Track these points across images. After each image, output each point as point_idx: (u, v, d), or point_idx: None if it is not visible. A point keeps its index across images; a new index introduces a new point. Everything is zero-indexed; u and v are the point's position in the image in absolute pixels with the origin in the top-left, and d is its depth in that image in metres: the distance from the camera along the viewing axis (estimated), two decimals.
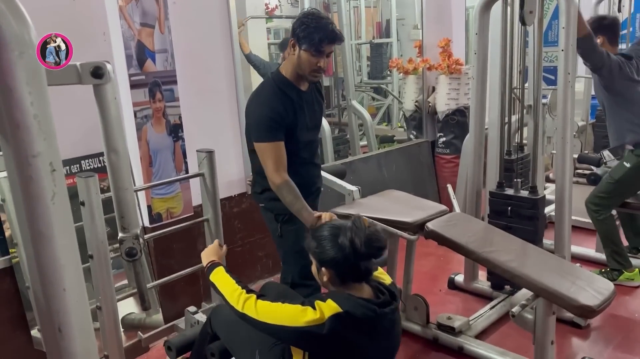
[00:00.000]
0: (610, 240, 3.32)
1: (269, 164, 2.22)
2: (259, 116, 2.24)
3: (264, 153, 2.24)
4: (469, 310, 3.03)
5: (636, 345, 2.71)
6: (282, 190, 2.22)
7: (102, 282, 2.13)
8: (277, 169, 2.22)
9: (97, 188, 2.05)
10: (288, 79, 2.29)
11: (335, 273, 1.69)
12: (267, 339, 1.95)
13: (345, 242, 1.64)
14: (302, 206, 2.21)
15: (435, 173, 4.82)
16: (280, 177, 2.21)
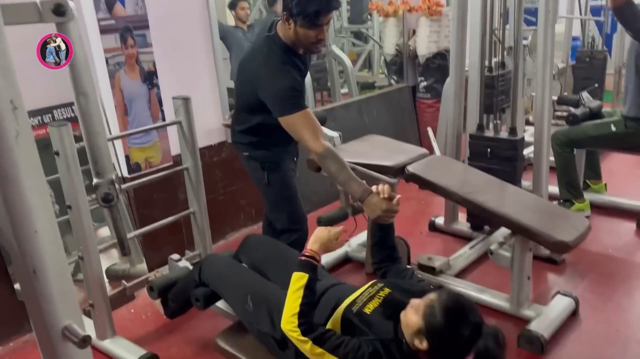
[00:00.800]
0: (566, 171, 3.43)
1: (306, 135, 2.05)
2: (281, 89, 2.07)
3: (296, 125, 2.07)
4: (449, 251, 3.10)
5: (608, 279, 2.81)
6: (326, 159, 2.05)
7: (82, 232, 2.12)
8: (316, 137, 2.05)
9: (71, 137, 2.01)
10: (288, 45, 2.14)
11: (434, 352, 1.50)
12: (260, 288, 1.98)
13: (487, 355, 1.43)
14: (349, 175, 2.04)
15: (417, 118, 4.81)
16: (322, 145, 2.05)
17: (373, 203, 1.95)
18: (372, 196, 1.96)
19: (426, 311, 1.48)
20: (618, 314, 2.51)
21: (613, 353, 2.25)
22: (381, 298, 1.70)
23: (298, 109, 2.06)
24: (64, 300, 0.94)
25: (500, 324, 2.44)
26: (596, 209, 3.55)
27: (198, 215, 2.65)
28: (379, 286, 1.77)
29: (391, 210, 1.93)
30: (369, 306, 1.67)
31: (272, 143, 2.26)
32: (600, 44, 5.00)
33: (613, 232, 3.32)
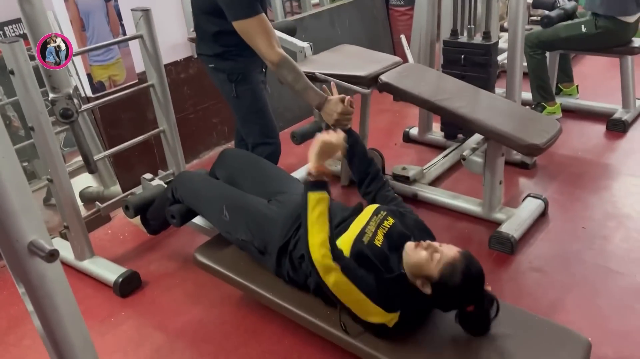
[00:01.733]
0: (538, 75, 3.44)
1: (262, 41, 1.99)
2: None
3: (250, 30, 2.00)
4: (423, 160, 3.13)
5: (577, 179, 2.89)
6: (281, 68, 2.01)
7: (49, 154, 2.06)
8: (271, 44, 1.99)
9: (25, 54, 1.89)
10: None
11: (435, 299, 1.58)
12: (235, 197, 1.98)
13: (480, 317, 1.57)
14: (306, 84, 2.02)
15: (390, 26, 4.67)
16: (277, 53, 2.00)
17: (329, 107, 1.97)
18: (329, 101, 1.98)
19: (447, 267, 1.51)
20: (585, 213, 2.60)
21: (579, 249, 2.35)
22: (386, 228, 1.69)
23: (252, 14, 1.99)
24: (27, 215, 0.91)
25: (473, 228, 2.54)
26: (568, 112, 3.59)
27: (168, 134, 2.59)
28: (382, 214, 1.74)
29: (346, 112, 1.95)
30: (378, 238, 1.65)
31: (237, 52, 2.16)
32: None
33: (583, 135, 3.38)
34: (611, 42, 3.32)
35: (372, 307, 1.54)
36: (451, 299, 1.57)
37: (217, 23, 2.12)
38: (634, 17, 3.25)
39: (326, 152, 1.66)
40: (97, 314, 2.17)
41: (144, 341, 2.03)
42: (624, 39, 3.32)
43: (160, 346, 2.00)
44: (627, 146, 3.22)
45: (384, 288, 1.55)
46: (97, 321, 2.13)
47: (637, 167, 2.97)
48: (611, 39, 3.30)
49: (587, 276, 2.19)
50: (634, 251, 2.30)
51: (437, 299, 1.58)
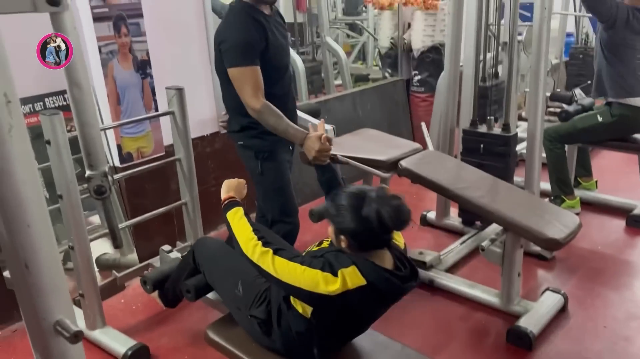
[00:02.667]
0: (557, 167, 3.46)
1: (247, 90, 2.13)
2: (235, 41, 2.13)
3: (241, 78, 2.14)
4: (440, 246, 3.11)
5: (597, 275, 2.84)
6: (263, 114, 2.14)
7: (73, 222, 2.11)
8: (255, 94, 2.13)
9: (63, 126, 1.99)
10: (251, 4, 2.21)
11: (355, 242, 1.59)
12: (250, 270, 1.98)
13: (371, 215, 1.53)
14: (287, 124, 2.15)
15: (410, 112, 4.81)
16: (260, 101, 2.13)
17: (309, 144, 2.07)
18: (308, 138, 2.08)
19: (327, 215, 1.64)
20: (606, 311, 2.54)
21: (600, 350, 2.28)
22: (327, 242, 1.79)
23: (246, 63, 2.12)
24: (56, 295, 0.93)
25: (490, 320, 2.48)
26: (587, 206, 3.58)
27: (190, 206, 2.64)
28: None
29: (324, 149, 2.04)
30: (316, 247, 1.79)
31: (266, 131, 2.25)
32: (594, 41, 5.02)
33: (603, 229, 3.35)
34: (628, 129, 3.35)
35: (319, 274, 1.54)
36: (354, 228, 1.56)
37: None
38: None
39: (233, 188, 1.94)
40: None
41: None
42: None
43: None
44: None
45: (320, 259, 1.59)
46: None
47: None
48: (628, 126, 3.33)
49: None
50: None
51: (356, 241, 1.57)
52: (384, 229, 1.55)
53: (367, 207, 1.55)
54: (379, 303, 1.66)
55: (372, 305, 1.65)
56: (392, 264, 1.63)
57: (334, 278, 1.52)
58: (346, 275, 1.52)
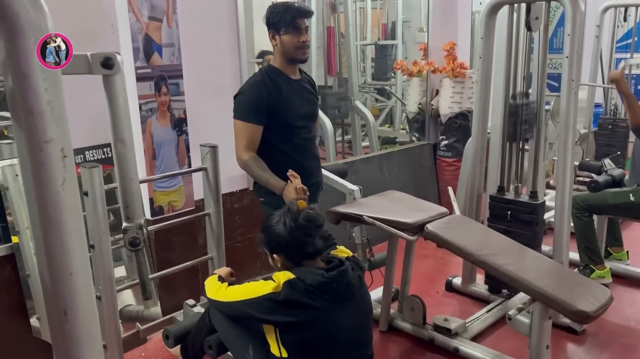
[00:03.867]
0: (585, 237, 3.41)
1: (241, 142, 2.37)
2: (242, 97, 2.39)
3: (238, 130, 2.39)
4: (465, 313, 3.05)
5: (629, 351, 2.73)
6: (249, 165, 2.38)
7: (103, 272, 2.14)
8: (247, 147, 2.37)
9: (101, 178, 2.07)
10: (278, 68, 2.42)
11: (285, 256, 1.86)
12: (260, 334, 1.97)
13: (280, 225, 1.83)
14: (269, 175, 2.36)
15: (437, 176, 4.84)
16: (248, 154, 2.37)
17: (286, 194, 2.31)
18: (287, 187, 2.32)
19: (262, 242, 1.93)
20: None
21: None
22: None
23: (248, 119, 2.37)
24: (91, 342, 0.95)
25: None
26: (618, 279, 3.48)
27: (216, 261, 2.67)
28: None
29: (300, 198, 2.24)
30: None
31: None
32: (623, 112, 5.04)
33: (635, 303, 3.25)
34: None
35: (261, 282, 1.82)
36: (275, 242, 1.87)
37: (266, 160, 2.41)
38: None
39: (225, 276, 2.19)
40: None
41: None
42: None
43: None
44: None
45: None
46: None
47: None
48: None
49: None
50: None
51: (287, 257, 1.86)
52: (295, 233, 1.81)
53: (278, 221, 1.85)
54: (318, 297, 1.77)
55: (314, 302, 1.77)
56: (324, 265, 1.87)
57: (272, 282, 1.79)
58: (279, 276, 1.79)
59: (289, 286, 1.76)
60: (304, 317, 1.78)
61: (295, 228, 1.81)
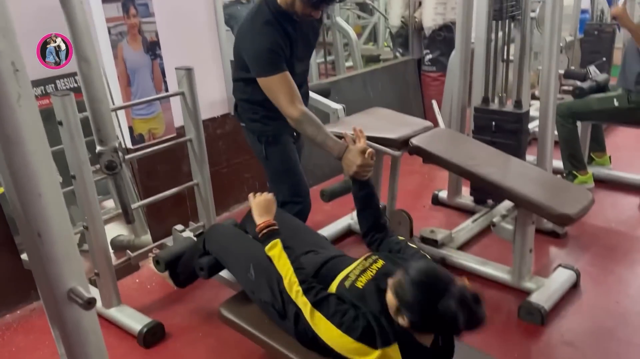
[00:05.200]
0: (569, 144, 3.44)
1: (282, 99, 2.07)
2: (259, 49, 2.06)
3: (272, 88, 2.08)
4: (451, 224, 3.11)
5: (610, 252, 2.82)
6: (302, 123, 2.09)
7: (87, 202, 2.13)
8: (292, 101, 2.06)
9: (74, 106, 2.00)
10: (284, 9, 2.10)
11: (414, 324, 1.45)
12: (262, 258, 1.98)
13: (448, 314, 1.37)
14: (326, 135, 2.08)
15: (421, 91, 4.78)
16: (297, 109, 2.07)
17: (349, 158, 1.98)
18: (348, 151, 1.99)
19: (397, 290, 1.45)
20: (618, 287, 2.53)
21: (612, 325, 2.27)
22: (374, 271, 1.68)
23: (275, 72, 2.05)
24: (69, 263, 0.95)
25: (502, 296, 2.48)
26: (600, 183, 3.55)
27: (202, 187, 2.66)
28: (372, 258, 1.75)
29: (366, 164, 1.94)
30: (362, 280, 1.65)
31: (270, 116, 2.24)
32: (609, 18, 4.92)
33: (616, 206, 3.32)
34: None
35: (355, 345, 1.48)
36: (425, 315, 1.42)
37: (251, 86, 2.21)
38: None
39: (264, 210, 1.84)
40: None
41: None
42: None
43: None
44: None
45: (362, 324, 1.50)
46: None
47: None
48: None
49: (621, 354, 2.10)
50: None
51: (417, 326, 1.45)
52: (453, 330, 1.44)
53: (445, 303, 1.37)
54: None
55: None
56: (431, 339, 1.53)
57: (371, 351, 1.47)
58: (386, 354, 1.47)
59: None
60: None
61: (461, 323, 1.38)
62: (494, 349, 2.10)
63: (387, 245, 1.89)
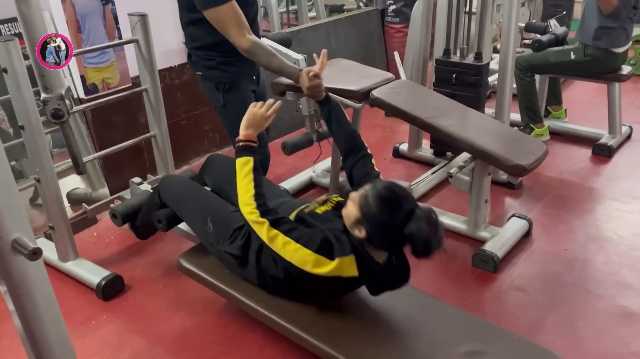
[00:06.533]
0: (527, 97, 3.51)
1: (232, 29, 2.02)
2: None
3: (220, 18, 2.02)
4: (411, 176, 3.15)
5: (562, 202, 2.93)
6: (254, 53, 2.06)
7: (37, 152, 2.06)
8: (242, 32, 2.03)
9: (19, 53, 1.89)
10: None
11: (372, 239, 1.54)
12: (220, 209, 1.98)
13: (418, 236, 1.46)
14: (281, 62, 2.09)
15: (385, 43, 4.73)
16: (248, 39, 2.03)
17: (300, 82, 2.06)
18: (300, 75, 2.04)
19: (361, 201, 1.53)
20: (568, 235, 2.64)
21: (560, 271, 2.38)
22: (334, 202, 1.80)
23: (222, 2, 2.00)
24: (11, 213, 0.92)
25: (457, 246, 2.56)
26: (556, 136, 3.64)
27: (159, 139, 2.60)
28: (332, 195, 1.86)
29: (314, 85, 2.00)
30: (321, 209, 1.76)
31: (226, 62, 2.18)
32: None
33: (570, 158, 3.43)
34: (600, 70, 3.39)
35: (312, 256, 1.55)
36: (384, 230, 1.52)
37: (203, 30, 2.13)
38: (623, 48, 3.33)
39: (255, 123, 1.79)
40: (78, 317, 2.16)
41: (123, 346, 2.02)
42: (613, 68, 3.39)
43: (140, 352, 1.99)
44: (611, 171, 3.27)
45: (319, 237, 1.58)
46: (77, 324, 2.12)
47: (620, 191, 3.02)
48: (600, 67, 3.37)
49: (568, 298, 2.22)
50: (613, 275, 2.34)
51: (375, 239, 1.54)
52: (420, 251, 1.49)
53: (415, 224, 1.46)
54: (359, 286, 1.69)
55: (354, 288, 1.71)
56: (385, 258, 1.61)
57: (328, 262, 1.54)
58: (342, 264, 1.54)
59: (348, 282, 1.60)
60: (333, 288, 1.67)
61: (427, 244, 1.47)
62: (448, 296, 2.18)
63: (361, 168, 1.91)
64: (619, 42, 3.29)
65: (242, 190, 1.70)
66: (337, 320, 1.73)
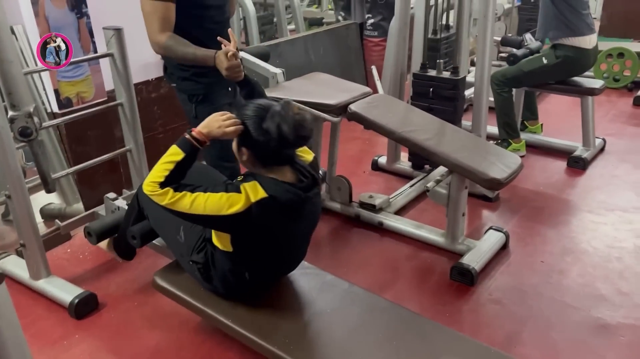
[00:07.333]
0: (504, 112, 3.54)
1: (153, 26, 2.05)
2: None
3: (148, 13, 2.06)
4: (390, 189, 3.16)
5: (538, 214, 2.96)
6: (168, 46, 2.06)
7: (7, 169, 2.01)
8: (161, 29, 2.04)
9: None
10: None
11: (255, 155, 1.66)
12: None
13: (272, 128, 1.57)
14: (195, 49, 2.06)
15: (363, 56, 4.76)
16: (164, 34, 2.04)
17: (218, 64, 2.01)
18: (217, 57, 2.00)
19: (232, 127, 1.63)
20: (544, 247, 2.66)
21: (537, 283, 2.39)
22: None
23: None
24: None
25: (435, 259, 2.57)
26: (532, 149, 3.69)
27: (135, 153, 2.57)
28: None
29: (233, 65, 1.97)
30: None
31: (200, 73, 2.16)
32: None
33: (546, 170, 3.47)
34: (572, 70, 3.45)
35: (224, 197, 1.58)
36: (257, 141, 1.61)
37: None
38: (590, 43, 3.37)
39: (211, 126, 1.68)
40: (49, 337, 2.10)
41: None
42: (585, 66, 3.45)
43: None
44: (586, 183, 3.32)
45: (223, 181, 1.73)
46: (48, 344, 2.07)
47: (594, 203, 3.06)
48: (572, 67, 3.43)
49: (544, 310, 2.23)
50: (588, 287, 2.36)
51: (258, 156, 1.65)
52: (283, 143, 1.59)
53: (269, 120, 1.58)
54: (283, 216, 1.68)
55: (278, 219, 1.67)
56: (294, 178, 1.69)
57: (238, 195, 1.58)
58: (248, 189, 1.59)
59: (262, 208, 1.59)
60: (266, 231, 1.68)
61: (282, 135, 1.57)
62: (426, 310, 2.18)
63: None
64: (581, 30, 3.31)
65: (155, 171, 1.66)
66: (314, 336, 1.72)
